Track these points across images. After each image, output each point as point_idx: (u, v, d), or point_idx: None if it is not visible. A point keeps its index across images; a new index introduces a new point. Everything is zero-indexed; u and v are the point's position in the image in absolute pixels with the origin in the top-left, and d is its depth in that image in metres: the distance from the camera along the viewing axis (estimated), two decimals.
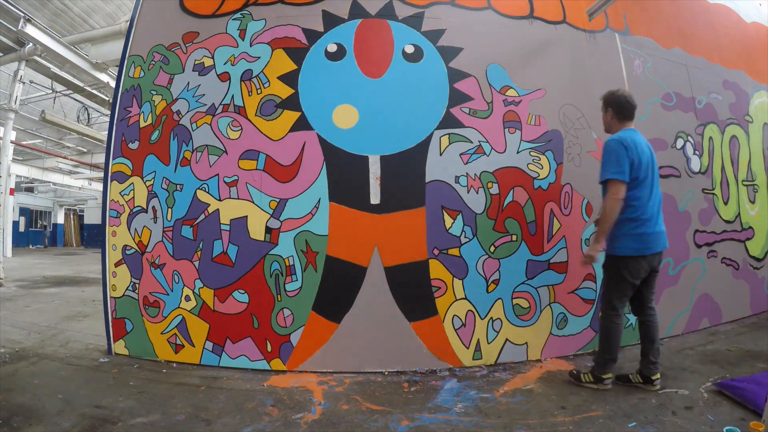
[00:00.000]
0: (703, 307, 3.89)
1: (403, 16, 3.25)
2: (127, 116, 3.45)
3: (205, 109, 3.26)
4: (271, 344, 3.03)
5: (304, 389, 2.70)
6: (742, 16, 4.87)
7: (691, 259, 3.84)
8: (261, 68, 3.22)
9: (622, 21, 3.84)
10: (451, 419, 2.28)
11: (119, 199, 3.38)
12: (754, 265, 4.40)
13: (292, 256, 3.05)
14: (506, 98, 3.29)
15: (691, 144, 4.01)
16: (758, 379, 2.48)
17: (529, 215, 3.23)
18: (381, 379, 2.86)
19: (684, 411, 2.28)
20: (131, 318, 3.29)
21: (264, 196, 3.10)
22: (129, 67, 3.50)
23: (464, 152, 3.16)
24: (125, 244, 3.34)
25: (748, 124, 4.59)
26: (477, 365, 3.07)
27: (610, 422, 2.19)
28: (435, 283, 3.05)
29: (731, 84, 4.51)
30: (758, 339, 3.54)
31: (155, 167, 3.32)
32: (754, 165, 4.57)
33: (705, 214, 4.01)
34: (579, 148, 3.39)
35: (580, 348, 3.29)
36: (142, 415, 2.31)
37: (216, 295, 3.12)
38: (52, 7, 7.93)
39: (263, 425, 2.22)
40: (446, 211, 3.10)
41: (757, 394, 2.28)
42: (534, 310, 3.19)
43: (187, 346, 3.15)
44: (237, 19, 3.33)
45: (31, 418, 2.23)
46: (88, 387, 2.68)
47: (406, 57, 3.21)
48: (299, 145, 3.11)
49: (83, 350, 3.44)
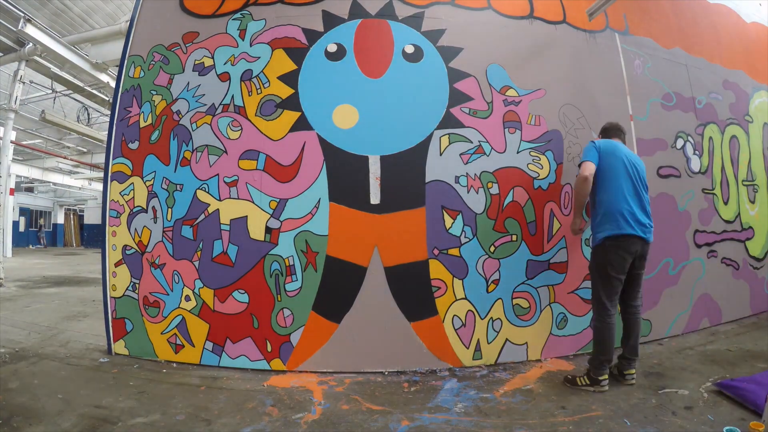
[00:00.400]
0: (703, 307, 3.89)
1: (403, 16, 3.25)
2: (127, 116, 3.45)
3: (205, 109, 3.26)
4: (271, 344, 3.03)
5: (304, 389, 2.70)
6: (742, 16, 4.87)
7: (691, 259, 3.84)
8: (261, 68, 3.22)
9: (622, 21, 3.84)
10: (451, 419, 2.28)
11: (119, 199, 3.38)
12: (754, 265, 4.40)
13: (292, 256, 3.05)
14: (506, 98, 3.29)
15: (691, 144, 4.01)
16: (758, 379, 2.48)
17: (529, 215, 3.23)
18: (381, 379, 2.86)
19: (684, 411, 2.28)
20: (131, 318, 3.29)
21: (264, 196, 3.10)
22: (129, 67, 3.50)
23: (464, 152, 3.16)
24: (125, 244, 3.34)
25: (748, 124, 4.59)
26: (477, 365, 3.08)
27: (610, 422, 2.19)
28: (435, 283, 3.05)
29: (731, 84, 4.51)
30: (758, 339, 3.54)
31: (155, 167, 3.32)
32: (754, 165, 4.57)
33: (705, 214, 4.01)
34: (579, 148, 3.38)
35: (580, 348, 3.29)
36: (142, 415, 2.31)
37: (216, 295, 3.12)
38: (52, 7, 7.93)
39: (263, 425, 2.22)
40: (446, 211, 3.10)
41: (757, 394, 2.27)
42: (534, 310, 3.19)
43: (187, 346, 3.15)
44: (237, 19, 3.33)
45: (31, 418, 2.23)
46: (88, 387, 2.68)
47: (406, 57, 3.21)
48: (299, 145, 3.11)
49: (83, 350, 3.44)
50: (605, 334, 2.64)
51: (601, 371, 2.61)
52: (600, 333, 2.66)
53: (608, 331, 2.63)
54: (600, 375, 2.60)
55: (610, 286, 2.66)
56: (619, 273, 2.64)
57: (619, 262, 2.63)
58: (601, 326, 2.65)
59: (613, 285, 2.66)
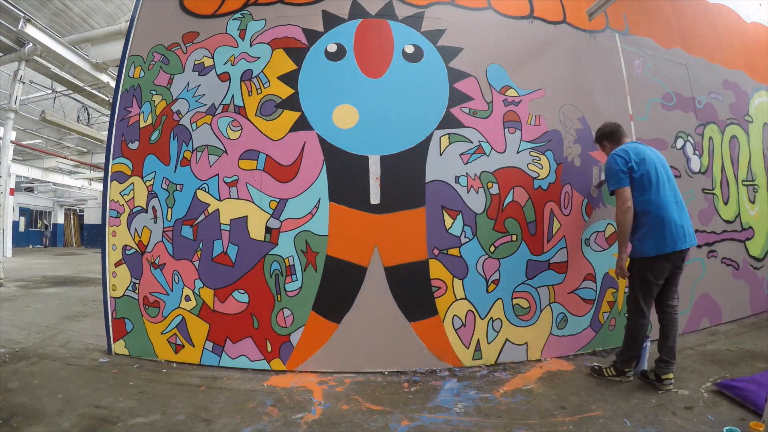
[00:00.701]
0: (703, 307, 3.89)
1: (403, 16, 3.25)
2: (127, 116, 3.45)
3: (205, 109, 3.26)
4: (271, 344, 3.03)
5: (304, 389, 2.70)
6: (742, 16, 4.87)
7: (691, 259, 3.83)
8: (261, 68, 3.22)
9: (622, 21, 3.84)
10: (451, 419, 2.28)
11: (119, 199, 3.38)
12: (754, 265, 4.40)
13: (292, 256, 3.05)
14: (506, 98, 3.29)
15: (691, 144, 4.01)
16: (758, 379, 2.48)
17: (529, 215, 3.23)
18: (381, 379, 2.86)
19: (684, 411, 2.28)
20: (131, 318, 3.29)
21: (264, 196, 3.10)
22: (129, 67, 3.50)
23: (464, 152, 3.16)
24: (125, 244, 3.34)
25: (748, 124, 4.59)
26: (477, 365, 3.08)
27: (610, 422, 2.19)
28: (435, 283, 3.05)
29: (731, 84, 4.51)
30: (758, 339, 3.54)
31: (155, 167, 3.32)
32: (754, 165, 4.56)
33: (705, 214, 4.01)
34: (579, 148, 3.39)
35: (580, 348, 3.29)
36: (142, 415, 2.31)
37: (216, 295, 3.12)
38: (52, 7, 7.93)
39: (263, 425, 2.22)
40: (446, 211, 3.10)
41: (757, 394, 2.28)
42: (534, 310, 3.19)
43: (187, 346, 3.15)
44: (237, 19, 3.33)
45: (31, 418, 2.23)
46: (88, 387, 2.68)
47: (406, 57, 3.21)
48: (299, 145, 3.11)
49: (83, 350, 3.44)
50: (639, 334, 2.70)
51: (629, 365, 2.73)
52: (632, 332, 2.71)
53: (642, 331, 2.70)
54: (626, 367, 2.73)
55: (649, 290, 2.67)
56: (658, 279, 2.65)
57: (660, 271, 2.64)
58: (636, 326, 2.70)
59: (651, 290, 2.67)
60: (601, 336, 3.35)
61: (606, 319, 3.37)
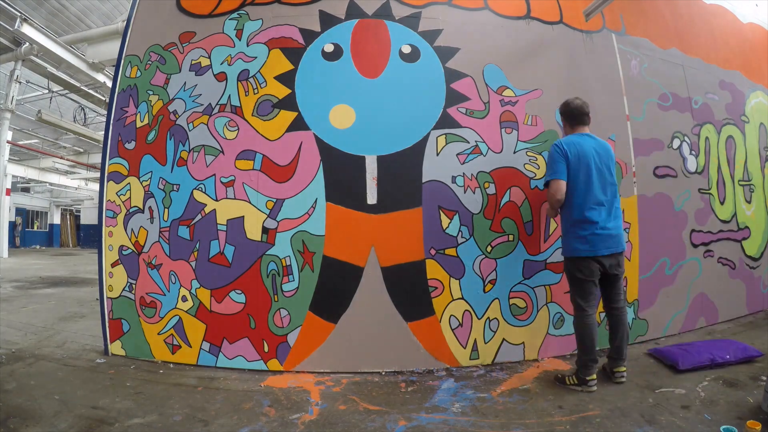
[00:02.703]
0: (699, 307, 3.90)
1: (400, 16, 3.25)
2: (124, 116, 3.44)
3: (202, 109, 3.26)
4: (268, 344, 3.03)
5: (301, 389, 2.70)
6: (738, 17, 4.88)
7: (687, 258, 3.85)
8: (258, 68, 3.22)
9: (618, 21, 3.85)
10: (448, 419, 2.28)
11: (116, 199, 3.37)
12: (750, 265, 4.42)
13: (288, 256, 3.04)
14: (503, 98, 3.29)
15: (688, 144, 4.02)
16: (685, 347, 2.96)
17: (526, 215, 3.23)
18: (378, 379, 2.86)
19: (681, 410, 2.29)
20: (128, 318, 3.28)
21: (261, 197, 3.10)
22: (125, 66, 3.49)
23: (461, 152, 3.16)
24: (122, 245, 3.33)
25: (744, 125, 4.60)
26: (474, 365, 3.08)
27: (607, 422, 2.19)
28: (432, 283, 3.06)
29: (728, 84, 4.53)
30: (754, 338, 3.55)
31: (152, 167, 3.31)
32: (750, 165, 4.58)
33: (701, 213, 4.03)
34: None
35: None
36: (139, 416, 2.30)
37: (213, 296, 3.11)
38: (48, 7, 7.92)
39: (260, 425, 2.21)
40: (443, 211, 3.10)
41: (674, 353, 2.78)
42: (531, 309, 3.20)
43: (184, 346, 3.15)
44: (234, 18, 3.33)
45: (27, 420, 2.22)
46: (84, 388, 2.68)
47: (403, 57, 3.21)
48: (296, 145, 3.11)
49: (80, 351, 3.43)
50: (583, 333, 2.63)
51: (588, 371, 2.58)
52: (579, 332, 2.66)
53: (585, 330, 2.62)
54: (587, 375, 2.57)
55: (582, 288, 2.66)
56: (589, 277, 2.63)
57: (590, 270, 2.62)
58: (578, 325, 2.67)
59: (585, 287, 2.65)
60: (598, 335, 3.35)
61: (602, 318, 3.37)
